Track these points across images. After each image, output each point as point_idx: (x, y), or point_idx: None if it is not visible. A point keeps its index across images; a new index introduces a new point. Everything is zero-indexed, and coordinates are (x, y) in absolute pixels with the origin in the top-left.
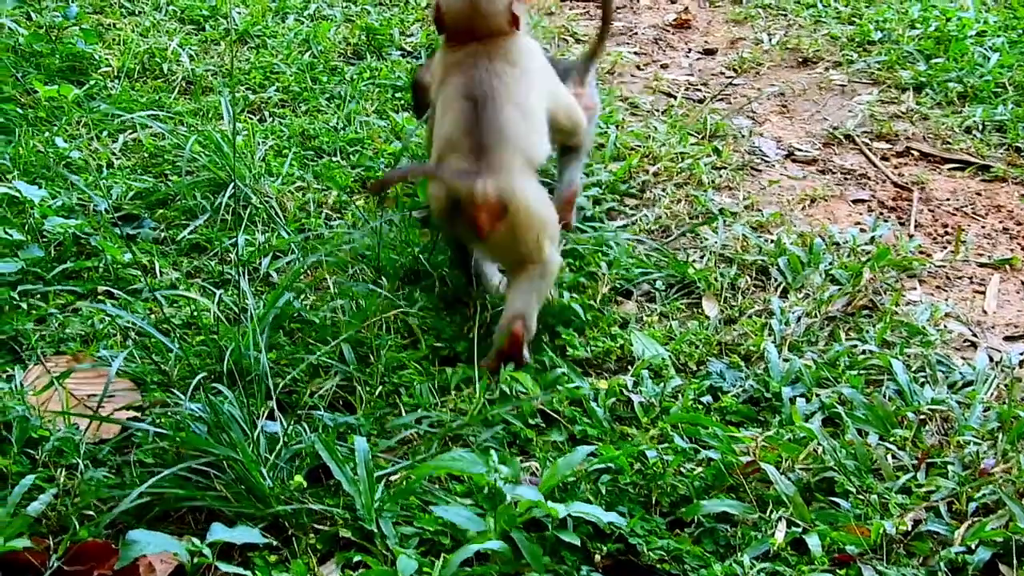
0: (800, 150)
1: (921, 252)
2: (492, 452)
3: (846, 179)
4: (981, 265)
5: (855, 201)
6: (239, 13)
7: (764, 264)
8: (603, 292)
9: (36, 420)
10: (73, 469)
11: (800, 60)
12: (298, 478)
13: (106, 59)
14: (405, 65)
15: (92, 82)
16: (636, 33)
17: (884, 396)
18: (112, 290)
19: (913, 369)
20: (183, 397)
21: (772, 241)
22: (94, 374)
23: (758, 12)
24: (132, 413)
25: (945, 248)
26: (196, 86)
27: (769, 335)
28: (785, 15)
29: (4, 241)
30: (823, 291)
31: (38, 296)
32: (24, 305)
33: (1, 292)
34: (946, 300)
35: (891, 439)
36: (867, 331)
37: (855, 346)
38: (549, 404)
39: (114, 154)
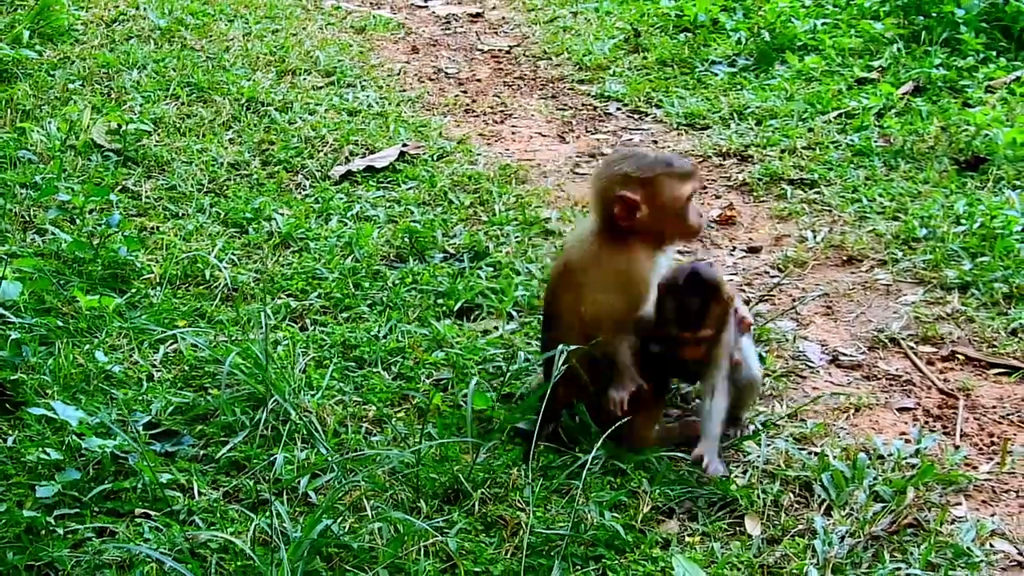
0: (845, 354)
1: (967, 464)
2: None
3: (891, 385)
4: None
5: (900, 409)
6: (282, 215)
7: (808, 480)
8: (644, 511)
9: None
10: None
11: (845, 258)
12: None
13: (148, 266)
14: (447, 269)
15: (134, 290)
16: None
17: None
18: (149, 512)
19: None
20: None
21: (816, 454)
22: None
23: (803, 208)
24: None
25: (991, 459)
26: (239, 293)
27: (812, 557)
28: (830, 210)
29: (42, 462)
30: (867, 510)
31: (74, 519)
32: (60, 530)
33: (38, 518)
34: (992, 516)
35: None
36: (912, 552)
37: (899, 568)
38: None
39: (155, 366)
